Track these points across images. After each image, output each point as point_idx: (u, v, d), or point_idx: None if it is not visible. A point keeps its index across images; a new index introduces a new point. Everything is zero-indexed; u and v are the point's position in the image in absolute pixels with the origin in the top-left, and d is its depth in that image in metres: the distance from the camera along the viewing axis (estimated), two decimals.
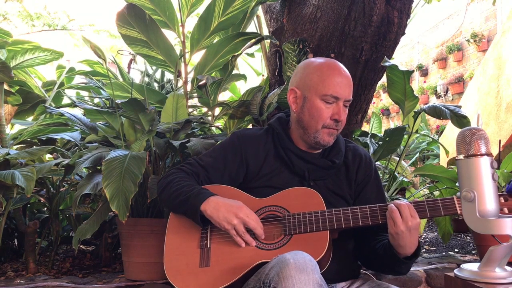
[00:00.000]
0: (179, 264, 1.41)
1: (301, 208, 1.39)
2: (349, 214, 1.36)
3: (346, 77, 1.48)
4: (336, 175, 1.53)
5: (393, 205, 1.32)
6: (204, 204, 1.37)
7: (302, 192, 1.43)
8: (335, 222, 1.35)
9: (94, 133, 2.26)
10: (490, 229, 1.13)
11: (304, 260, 1.15)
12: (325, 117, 1.46)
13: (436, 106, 2.33)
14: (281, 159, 1.52)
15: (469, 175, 1.16)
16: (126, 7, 2.26)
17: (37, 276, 2.15)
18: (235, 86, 3.69)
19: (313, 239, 1.34)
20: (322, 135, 1.47)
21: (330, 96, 1.45)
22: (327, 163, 1.51)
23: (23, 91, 2.70)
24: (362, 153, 1.59)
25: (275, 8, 2.71)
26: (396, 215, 1.29)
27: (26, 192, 1.88)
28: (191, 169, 1.53)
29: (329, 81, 1.45)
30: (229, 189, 1.50)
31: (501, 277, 1.14)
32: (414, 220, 1.29)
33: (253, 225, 1.35)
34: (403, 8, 2.29)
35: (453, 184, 2.53)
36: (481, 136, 1.17)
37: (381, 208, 1.36)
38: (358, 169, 1.55)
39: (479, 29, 9.30)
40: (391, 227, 1.31)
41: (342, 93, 1.45)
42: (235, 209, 1.36)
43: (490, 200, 1.15)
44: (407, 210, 1.30)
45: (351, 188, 1.54)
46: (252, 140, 1.56)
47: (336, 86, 1.45)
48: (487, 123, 4.73)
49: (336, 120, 1.46)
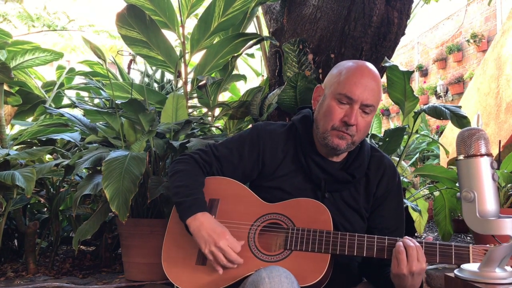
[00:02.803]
0: (177, 256, 1.40)
1: (307, 223, 1.34)
2: (354, 242, 1.29)
3: (369, 79, 1.35)
4: (354, 188, 1.44)
5: (401, 245, 1.23)
6: (190, 219, 1.33)
7: (312, 205, 1.37)
8: (338, 247, 1.30)
9: (94, 134, 2.26)
10: (490, 230, 1.13)
11: (280, 279, 1.12)
12: (336, 118, 1.35)
13: (436, 107, 2.33)
14: (299, 163, 1.44)
15: (469, 176, 1.16)
16: (126, 7, 2.26)
17: (37, 276, 2.15)
18: (235, 87, 3.69)
19: (313, 259, 1.30)
20: (331, 137, 1.36)
21: (344, 95, 1.34)
22: (345, 177, 1.41)
23: (23, 91, 2.70)
24: (386, 164, 1.47)
25: (275, 8, 2.71)
26: (402, 256, 1.21)
27: (26, 192, 1.89)
28: (205, 158, 1.47)
29: (348, 80, 1.35)
30: (238, 186, 1.45)
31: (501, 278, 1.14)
32: (419, 265, 1.21)
33: (233, 257, 1.29)
34: (403, 8, 2.29)
35: (453, 184, 2.53)
36: (481, 137, 1.16)
37: (389, 243, 1.28)
38: (379, 182, 1.45)
39: (479, 30, 9.29)
40: (394, 267, 1.23)
41: (358, 95, 1.33)
42: (216, 236, 1.30)
43: (490, 201, 1.15)
44: (415, 254, 1.21)
45: (369, 202, 1.45)
46: (272, 138, 1.47)
47: (353, 86, 1.33)
48: (487, 123, 4.73)
49: (346, 123, 1.34)
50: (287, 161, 1.45)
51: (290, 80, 2.18)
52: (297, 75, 2.16)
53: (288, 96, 2.24)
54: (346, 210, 1.42)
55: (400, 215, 1.48)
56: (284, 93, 2.24)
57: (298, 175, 1.44)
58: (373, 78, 1.36)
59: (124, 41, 2.40)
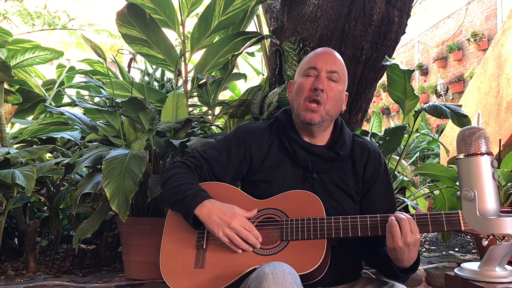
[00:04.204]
0: (175, 263, 1.40)
1: (300, 213, 1.36)
2: (348, 223, 1.32)
3: (326, 51, 1.50)
4: (341, 168, 1.48)
5: (393, 219, 1.26)
6: (198, 209, 1.34)
7: (303, 196, 1.40)
8: (333, 231, 1.32)
9: (94, 132, 2.26)
10: (490, 228, 1.13)
11: (283, 274, 1.13)
12: (306, 88, 1.44)
13: (437, 105, 2.33)
14: (285, 150, 1.49)
15: (469, 174, 1.16)
16: (126, 6, 2.26)
17: (37, 275, 2.15)
18: (235, 85, 3.69)
19: (310, 247, 1.31)
20: (304, 111, 1.43)
21: (309, 67, 1.46)
22: (331, 154, 1.46)
23: (23, 90, 2.70)
24: (370, 148, 1.52)
25: (275, 7, 2.71)
26: (395, 229, 1.24)
27: (26, 191, 1.89)
28: (194, 162, 1.51)
29: (310, 56, 1.49)
30: (229, 188, 1.48)
31: (501, 276, 1.14)
32: (413, 236, 1.24)
33: (246, 235, 1.32)
34: (404, 7, 2.29)
35: (453, 183, 2.52)
36: (481, 135, 1.16)
37: (382, 220, 1.31)
38: (366, 164, 1.49)
39: (479, 28, 9.29)
40: (389, 241, 1.26)
41: (321, 63, 1.45)
42: (228, 217, 1.32)
43: (490, 199, 1.15)
44: (408, 225, 1.24)
45: (358, 185, 1.49)
46: (256, 134, 1.53)
47: (315, 58, 1.47)
48: (487, 122, 4.73)
49: (315, 89, 1.42)
50: (273, 151, 1.50)
51: (291, 78, 2.18)
52: None
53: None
54: (335, 192, 1.46)
55: (391, 197, 1.52)
56: (285, 92, 2.24)
57: (286, 162, 1.48)
58: (334, 53, 1.50)
59: (124, 40, 2.40)
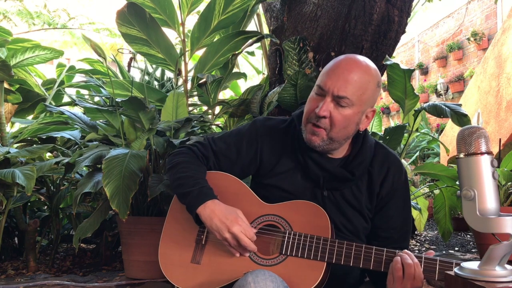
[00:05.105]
0: (173, 253, 1.39)
1: (304, 227, 1.31)
2: (351, 252, 1.26)
3: (345, 71, 1.27)
4: (356, 186, 1.38)
5: (399, 261, 1.19)
6: (200, 208, 1.30)
7: (311, 208, 1.32)
8: (334, 256, 1.26)
9: (94, 132, 2.25)
10: (490, 228, 1.13)
11: (265, 283, 1.11)
12: (310, 109, 1.31)
13: (437, 105, 2.33)
14: (297, 160, 1.39)
15: (469, 174, 1.16)
16: (126, 5, 2.26)
17: (38, 274, 2.15)
18: (236, 85, 3.69)
19: (308, 267, 1.27)
20: (306, 132, 1.33)
21: (318, 86, 1.30)
22: (344, 174, 1.35)
23: (23, 89, 2.70)
24: (391, 162, 1.39)
25: (275, 6, 2.71)
26: (398, 274, 1.18)
27: (26, 190, 1.89)
28: (203, 152, 1.44)
29: (324, 70, 1.31)
30: (235, 182, 1.43)
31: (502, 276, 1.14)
32: (415, 284, 1.17)
33: (246, 242, 1.27)
34: (404, 6, 2.29)
35: (453, 182, 2.53)
36: (481, 135, 1.16)
37: (387, 255, 1.24)
38: (384, 181, 1.38)
39: (479, 28, 9.28)
40: (389, 282, 1.21)
41: (329, 85, 1.26)
42: (229, 222, 1.27)
43: (490, 199, 1.14)
44: (412, 272, 1.17)
45: (372, 203, 1.39)
46: (271, 135, 1.43)
47: (326, 76, 1.29)
48: (487, 121, 4.73)
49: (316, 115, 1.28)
50: (285, 158, 1.41)
51: (291, 78, 2.17)
52: (298, 73, 2.15)
53: (288, 94, 2.24)
54: (347, 209, 1.38)
55: (407, 214, 1.43)
56: (285, 91, 2.24)
57: (296, 173, 1.40)
58: (352, 70, 1.27)
59: (124, 39, 2.40)
